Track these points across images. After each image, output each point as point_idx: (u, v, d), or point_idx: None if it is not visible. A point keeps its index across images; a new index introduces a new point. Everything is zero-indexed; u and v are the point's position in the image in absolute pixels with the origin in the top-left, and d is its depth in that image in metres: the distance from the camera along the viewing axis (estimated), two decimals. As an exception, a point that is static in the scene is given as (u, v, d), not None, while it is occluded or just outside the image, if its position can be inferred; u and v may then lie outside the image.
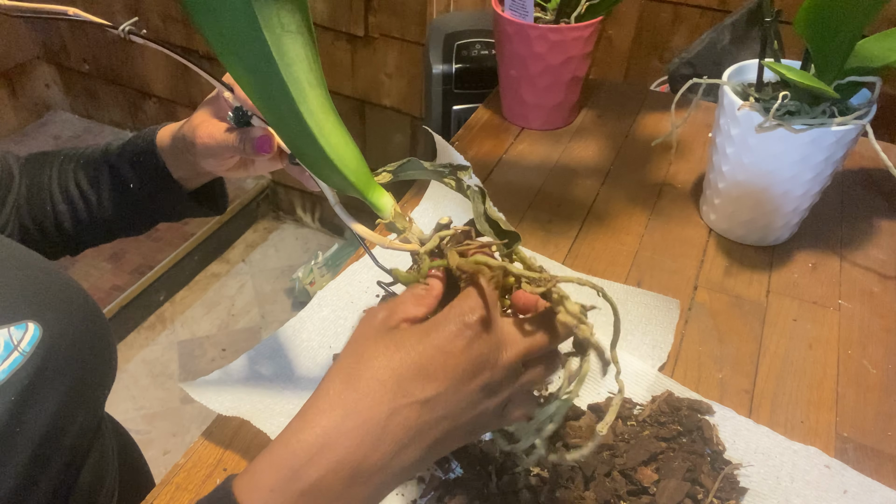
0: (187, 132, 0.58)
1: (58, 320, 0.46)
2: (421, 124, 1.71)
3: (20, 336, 0.43)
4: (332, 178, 0.44)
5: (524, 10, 0.90)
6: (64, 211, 0.66)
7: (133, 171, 0.64)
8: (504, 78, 0.98)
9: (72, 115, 2.49)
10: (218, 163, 0.58)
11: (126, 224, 0.68)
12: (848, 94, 0.70)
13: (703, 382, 0.65)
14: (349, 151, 0.43)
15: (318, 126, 0.41)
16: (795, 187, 0.73)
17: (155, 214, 0.67)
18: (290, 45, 0.39)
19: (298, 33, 0.39)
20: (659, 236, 0.82)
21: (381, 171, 0.47)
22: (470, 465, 0.56)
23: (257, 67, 0.39)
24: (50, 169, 0.66)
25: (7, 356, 0.42)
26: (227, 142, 0.55)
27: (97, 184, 0.65)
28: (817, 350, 0.68)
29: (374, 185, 0.45)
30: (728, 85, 0.74)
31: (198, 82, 2.04)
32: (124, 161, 0.64)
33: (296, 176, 0.56)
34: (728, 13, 1.20)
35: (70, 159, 0.67)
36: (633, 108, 1.04)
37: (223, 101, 0.57)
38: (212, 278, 2.06)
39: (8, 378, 0.41)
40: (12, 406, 0.41)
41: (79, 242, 0.69)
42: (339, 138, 0.42)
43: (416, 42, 1.59)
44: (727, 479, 0.56)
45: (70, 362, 0.46)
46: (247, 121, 0.55)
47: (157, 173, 0.63)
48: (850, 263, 0.78)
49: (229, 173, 0.61)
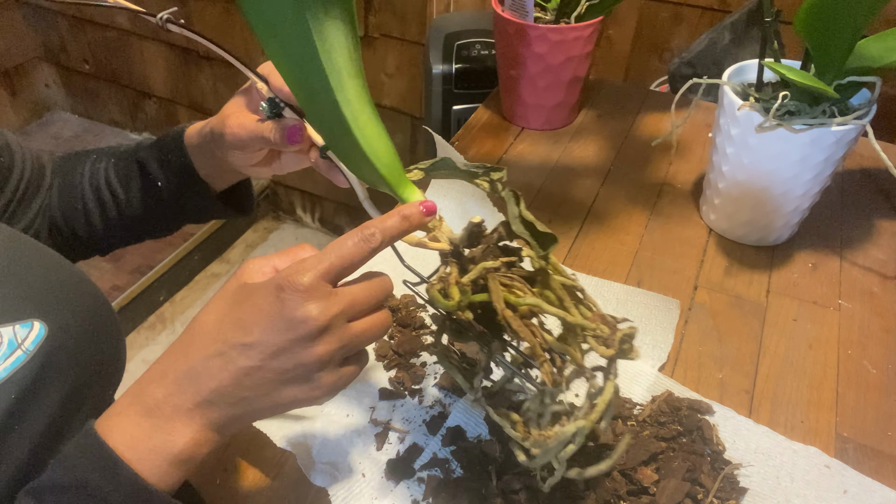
0: (216, 125, 0.57)
1: (65, 319, 0.46)
2: (421, 124, 1.71)
3: (25, 334, 0.43)
4: (364, 170, 0.44)
5: (524, 10, 0.90)
6: (94, 209, 0.66)
7: (161, 169, 0.64)
8: (504, 78, 0.98)
9: (72, 115, 2.49)
10: (245, 156, 0.58)
11: (154, 223, 0.68)
12: (848, 94, 0.70)
13: (703, 382, 0.65)
14: (383, 145, 0.42)
15: (354, 116, 0.41)
16: (795, 187, 0.73)
17: (182, 214, 0.68)
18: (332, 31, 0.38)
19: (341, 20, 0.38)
20: (659, 236, 0.82)
21: (413, 168, 0.47)
22: (470, 465, 0.56)
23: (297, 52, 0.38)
24: (82, 167, 0.67)
25: (10, 354, 0.42)
26: (257, 132, 0.54)
27: (127, 182, 0.65)
28: (817, 350, 0.68)
29: (405, 181, 0.45)
30: (728, 85, 0.74)
31: (198, 82, 2.04)
32: (153, 159, 0.64)
33: (324, 172, 0.55)
34: (728, 13, 1.20)
35: (102, 158, 0.67)
36: (633, 108, 1.04)
37: (255, 93, 0.56)
38: (212, 278, 2.06)
39: (9, 376, 0.41)
40: (13, 404, 0.41)
41: (109, 242, 0.69)
42: (373, 130, 0.42)
43: (416, 42, 1.59)
44: (727, 479, 0.56)
45: (74, 362, 0.46)
46: (279, 112, 0.54)
47: (184, 172, 0.63)
48: (850, 263, 0.78)
49: (255, 170, 0.61)
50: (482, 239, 0.46)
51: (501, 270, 0.44)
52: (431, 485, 0.55)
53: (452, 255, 0.46)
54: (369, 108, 0.41)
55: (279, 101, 0.53)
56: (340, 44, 0.39)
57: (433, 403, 0.62)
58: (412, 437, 0.60)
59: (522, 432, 0.45)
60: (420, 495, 0.55)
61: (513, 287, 0.44)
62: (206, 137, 0.60)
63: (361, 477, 0.56)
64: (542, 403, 0.45)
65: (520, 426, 0.46)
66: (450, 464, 0.57)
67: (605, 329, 0.43)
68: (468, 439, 0.59)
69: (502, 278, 0.44)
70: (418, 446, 0.59)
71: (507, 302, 0.43)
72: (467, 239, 0.46)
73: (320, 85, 0.39)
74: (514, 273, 0.45)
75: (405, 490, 0.55)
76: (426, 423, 0.61)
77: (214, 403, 0.40)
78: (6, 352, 0.42)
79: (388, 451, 0.58)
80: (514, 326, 0.42)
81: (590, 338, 0.43)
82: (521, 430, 0.46)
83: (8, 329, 0.42)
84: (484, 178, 0.46)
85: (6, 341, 0.42)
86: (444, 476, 0.56)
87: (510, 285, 0.44)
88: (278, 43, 0.39)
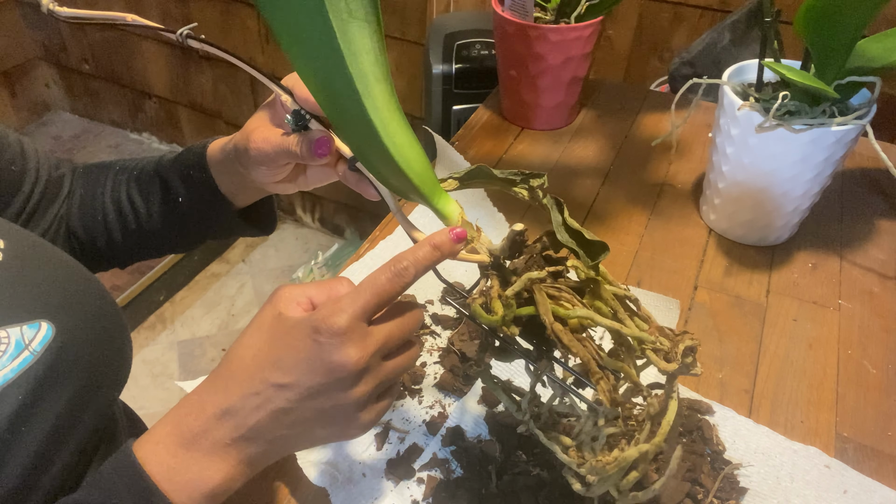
0: (239, 140, 0.56)
1: (72, 320, 0.46)
2: (421, 124, 1.71)
3: (32, 335, 0.43)
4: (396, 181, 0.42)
5: (524, 10, 0.90)
6: (114, 222, 0.65)
7: (182, 184, 0.63)
8: (504, 78, 0.98)
9: (72, 115, 2.49)
10: (270, 172, 0.56)
11: (175, 239, 0.67)
12: (848, 94, 0.70)
13: (703, 382, 0.65)
14: (415, 153, 0.41)
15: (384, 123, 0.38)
16: (795, 187, 0.73)
17: (203, 230, 0.67)
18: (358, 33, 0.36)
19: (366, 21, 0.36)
20: (659, 236, 0.82)
21: (447, 178, 0.45)
22: (470, 465, 0.56)
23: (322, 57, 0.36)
24: (105, 179, 0.66)
25: (17, 355, 0.42)
26: (283, 146, 0.52)
27: (148, 196, 0.65)
28: (817, 350, 0.68)
29: (440, 191, 0.43)
30: (728, 85, 0.74)
31: (198, 82, 2.04)
32: (174, 174, 0.63)
33: (353, 186, 0.53)
34: (728, 13, 1.20)
35: (124, 171, 0.66)
36: (633, 108, 1.04)
37: (280, 107, 0.55)
38: (212, 278, 2.06)
39: (16, 377, 0.41)
40: (20, 405, 0.41)
41: (128, 255, 0.69)
42: (404, 138, 0.40)
43: (416, 42, 1.59)
44: (727, 479, 0.56)
45: (81, 364, 0.46)
46: (305, 125, 0.52)
47: (206, 188, 0.62)
48: (850, 263, 0.78)
49: (278, 187, 0.59)
50: (524, 249, 0.43)
51: (547, 281, 0.41)
52: (431, 485, 0.55)
53: (493, 266, 0.43)
54: (399, 114, 0.39)
55: (304, 113, 0.51)
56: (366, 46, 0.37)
57: (433, 403, 0.62)
58: (412, 437, 0.60)
59: (576, 458, 0.42)
60: (420, 495, 0.55)
61: (560, 299, 0.41)
62: (230, 154, 0.58)
63: (361, 477, 0.56)
64: (596, 426, 0.41)
65: (573, 451, 0.43)
66: (450, 464, 0.57)
67: (665, 342, 0.40)
68: (468, 439, 0.59)
69: (549, 289, 0.41)
70: (418, 446, 0.59)
71: (555, 315, 0.40)
72: (508, 249, 0.43)
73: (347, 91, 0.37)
74: (561, 284, 0.42)
75: (405, 490, 0.55)
76: (426, 423, 0.61)
77: (251, 440, 0.41)
78: (13, 353, 0.42)
79: (388, 451, 0.58)
80: (565, 341, 0.39)
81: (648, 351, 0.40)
82: (575, 455, 0.42)
83: (15, 330, 0.42)
84: (522, 186, 0.44)
85: (13, 342, 0.42)
86: (444, 476, 0.56)
87: (557, 297, 0.41)
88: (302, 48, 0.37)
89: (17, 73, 2.32)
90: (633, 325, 0.41)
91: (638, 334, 0.40)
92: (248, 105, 1.99)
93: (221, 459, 0.41)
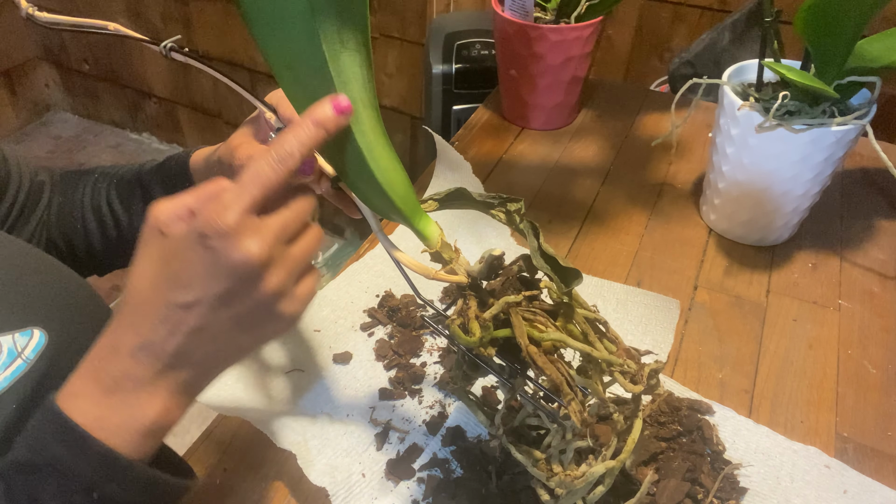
0: (224, 154, 0.56)
1: (65, 327, 0.45)
2: (421, 124, 1.71)
3: (24, 343, 0.43)
4: (379, 202, 0.42)
5: (524, 10, 0.90)
6: (94, 229, 0.65)
7: (164, 192, 0.62)
8: (504, 78, 0.98)
9: (72, 115, 2.49)
10: None
11: None
12: (848, 94, 0.70)
13: (703, 382, 0.65)
14: (398, 176, 0.41)
15: (370, 148, 0.40)
16: (795, 187, 0.73)
17: None
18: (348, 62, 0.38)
19: (356, 51, 0.38)
20: (659, 236, 0.82)
21: (427, 199, 0.46)
22: (470, 465, 0.56)
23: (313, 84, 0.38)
24: (84, 186, 0.66)
25: (10, 363, 0.42)
26: None
27: (128, 204, 0.64)
28: (817, 350, 0.68)
29: (420, 213, 0.43)
30: (728, 85, 0.74)
31: (198, 82, 2.04)
32: (156, 183, 0.63)
33: (335, 202, 0.53)
34: (728, 13, 1.20)
35: (105, 177, 0.66)
36: (633, 108, 1.04)
37: (264, 123, 0.55)
38: (212, 278, 2.06)
39: (10, 386, 0.41)
40: (13, 415, 0.41)
41: (108, 263, 0.68)
42: (388, 162, 0.41)
43: (416, 42, 1.59)
44: (727, 479, 0.56)
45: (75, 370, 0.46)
46: None
47: None
48: (850, 263, 0.78)
49: None
50: (501, 271, 0.44)
51: (523, 304, 0.43)
52: (431, 485, 0.55)
53: (471, 287, 0.44)
54: (384, 138, 0.41)
55: None
56: (356, 75, 0.38)
57: (433, 403, 0.62)
58: (412, 437, 0.60)
59: (546, 470, 0.44)
60: (420, 495, 0.55)
61: (535, 322, 0.42)
62: (214, 166, 0.58)
63: (361, 477, 0.56)
64: (565, 439, 0.43)
65: (542, 464, 0.44)
66: (450, 464, 0.57)
67: (632, 364, 0.42)
68: (468, 439, 0.59)
69: (525, 312, 0.42)
70: (418, 446, 0.59)
71: (530, 337, 0.41)
72: (486, 271, 0.44)
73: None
74: (535, 307, 0.43)
75: (405, 490, 0.55)
76: (426, 423, 0.61)
77: (176, 367, 0.39)
78: (6, 361, 0.42)
79: (388, 451, 0.58)
80: (539, 363, 0.40)
81: (617, 374, 0.42)
82: (544, 468, 0.44)
83: (7, 338, 0.42)
84: (500, 209, 0.44)
85: (6, 350, 0.42)
86: (444, 476, 0.56)
87: (532, 319, 0.42)
88: (293, 75, 0.38)
89: (17, 73, 2.32)
90: (602, 347, 0.42)
91: (607, 357, 0.42)
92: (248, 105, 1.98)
93: (150, 395, 0.39)
